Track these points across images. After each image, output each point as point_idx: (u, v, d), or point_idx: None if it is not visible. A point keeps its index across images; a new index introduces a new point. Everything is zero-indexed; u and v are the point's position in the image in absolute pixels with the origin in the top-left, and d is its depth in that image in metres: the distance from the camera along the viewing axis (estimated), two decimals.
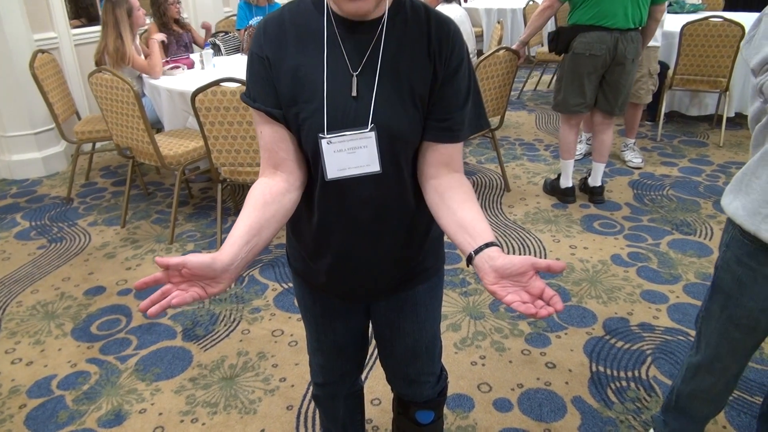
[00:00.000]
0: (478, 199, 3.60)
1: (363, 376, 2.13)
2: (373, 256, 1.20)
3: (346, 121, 1.05)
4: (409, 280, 1.28)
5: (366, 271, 1.23)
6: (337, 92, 1.05)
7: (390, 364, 1.45)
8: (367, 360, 2.17)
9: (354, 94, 1.05)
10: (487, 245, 0.97)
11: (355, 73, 1.06)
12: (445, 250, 2.98)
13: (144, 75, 3.60)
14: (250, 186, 1.11)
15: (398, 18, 1.07)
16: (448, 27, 1.08)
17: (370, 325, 1.44)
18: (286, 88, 1.06)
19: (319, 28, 1.06)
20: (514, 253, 2.93)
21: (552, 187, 3.61)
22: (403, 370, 1.44)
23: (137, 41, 3.61)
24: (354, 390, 1.57)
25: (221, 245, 1.00)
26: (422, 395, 1.47)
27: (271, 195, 1.07)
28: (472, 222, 1.02)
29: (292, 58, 1.06)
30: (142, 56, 3.56)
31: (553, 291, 0.87)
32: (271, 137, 1.09)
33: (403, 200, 1.15)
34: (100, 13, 5.06)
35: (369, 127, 1.05)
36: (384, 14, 1.06)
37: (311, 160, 1.10)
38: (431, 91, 1.08)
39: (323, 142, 1.05)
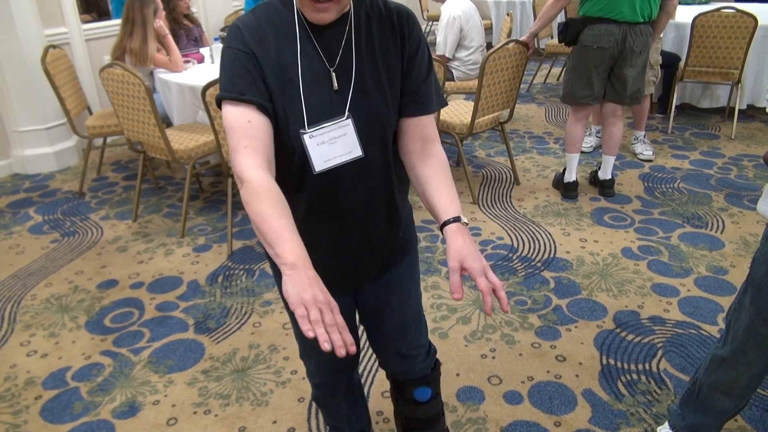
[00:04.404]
0: (487, 192, 3.60)
1: (374, 368, 2.15)
2: (364, 239, 1.26)
3: (326, 114, 1.11)
4: (393, 257, 1.36)
5: (359, 255, 1.29)
6: (315, 87, 1.11)
7: (382, 344, 1.49)
8: (363, 353, 2.20)
9: (336, 87, 1.12)
10: (447, 222, 1.14)
11: (332, 68, 1.12)
12: None
13: (157, 70, 3.62)
14: None
15: (362, 11, 1.15)
16: (405, 10, 1.20)
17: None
18: (272, 85, 1.09)
19: (293, 27, 1.11)
20: (524, 246, 2.94)
21: (557, 181, 3.60)
22: (395, 346, 1.48)
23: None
24: (352, 385, 1.59)
25: (291, 246, 0.97)
26: (416, 371, 1.52)
27: (280, 193, 1.04)
28: (440, 197, 1.17)
29: (274, 56, 1.09)
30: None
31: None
32: (264, 130, 1.07)
33: (387, 181, 1.23)
34: (111, 8, 5.10)
35: (345, 115, 1.12)
36: (350, 10, 1.13)
37: (297, 155, 1.13)
38: (402, 70, 1.18)
39: (305, 137, 1.10)
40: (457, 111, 3.57)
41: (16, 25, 3.84)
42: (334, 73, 1.12)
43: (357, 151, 1.15)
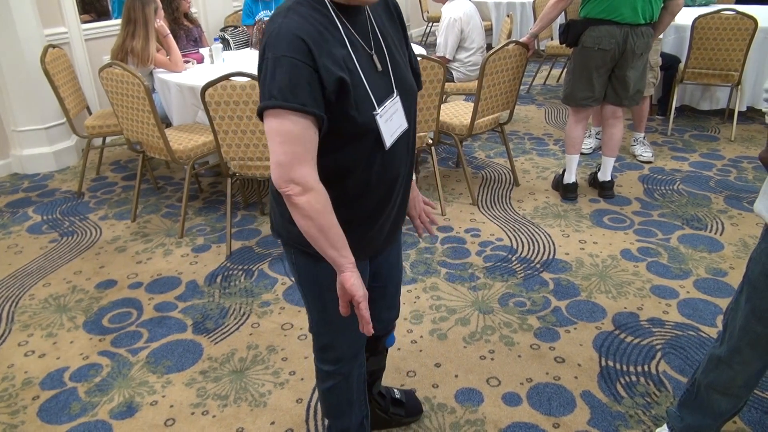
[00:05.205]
0: (487, 193, 3.60)
1: None
2: (404, 203, 1.42)
3: (380, 94, 1.22)
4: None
5: (403, 214, 1.45)
6: (369, 72, 1.21)
7: (382, 302, 1.60)
8: None
9: (380, 68, 1.24)
10: None
11: (372, 52, 1.23)
12: (454, 245, 2.97)
13: (156, 70, 3.61)
14: (259, 180, 1.17)
15: None
16: None
17: None
18: (345, 81, 1.14)
19: (333, 21, 1.17)
20: (523, 248, 2.94)
21: (556, 183, 3.60)
22: (391, 302, 1.65)
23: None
24: (362, 362, 1.62)
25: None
26: (393, 319, 1.70)
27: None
28: None
29: (335, 54, 1.14)
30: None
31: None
32: (315, 143, 1.15)
33: (415, 147, 1.40)
34: (110, 8, 5.09)
35: (395, 93, 1.26)
36: None
37: (363, 138, 1.22)
38: (408, 52, 1.36)
39: (377, 117, 1.21)
40: (457, 112, 3.57)
41: (15, 25, 3.84)
42: (375, 56, 1.23)
43: (405, 124, 1.30)
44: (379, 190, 1.31)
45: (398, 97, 1.26)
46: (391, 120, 1.24)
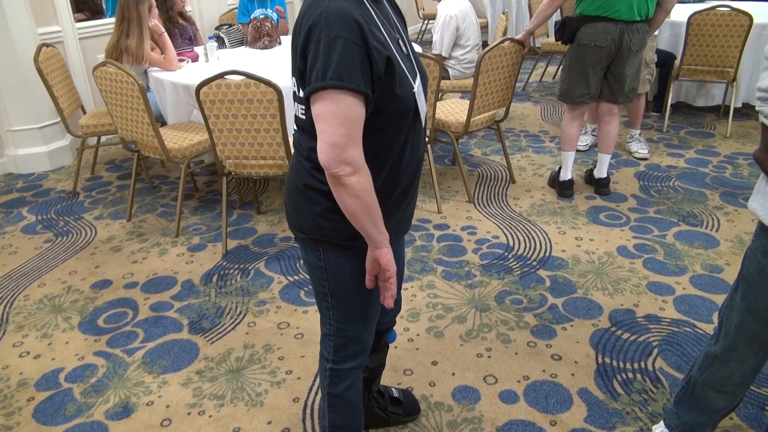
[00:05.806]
0: (483, 191, 3.59)
1: None
2: (418, 183, 1.45)
3: (412, 74, 1.26)
4: None
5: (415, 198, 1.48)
6: (399, 53, 1.25)
7: None
8: None
9: (406, 51, 1.29)
10: None
11: (397, 36, 1.28)
12: (450, 243, 2.97)
13: (151, 69, 3.60)
14: (255, 179, 1.16)
15: None
16: None
17: None
18: (392, 60, 1.17)
19: (366, 7, 1.21)
20: (520, 245, 2.94)
21: (553, 180, 3.60)
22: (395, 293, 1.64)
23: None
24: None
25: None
26: (395, 313, 1.71)
27: None
28: None
29: (377, 35, 1.17)
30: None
31: None
32: (363, 123, 1.17)
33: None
34: (104, 6, 5.07)
35: (417, 75, 1.29)
36: None
37: (404, 115, 1.25)
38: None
39: (415, 93, 1.25)
40: (453, 110, 3.56)
41: (8, 24, 3.81)
42: (400, 40, 1.28)
43: (425, 104, 1.33)
44: (408, 171, 1.34)
45: (419, 78, 1.30)
46: (420, 99, 1.28)
